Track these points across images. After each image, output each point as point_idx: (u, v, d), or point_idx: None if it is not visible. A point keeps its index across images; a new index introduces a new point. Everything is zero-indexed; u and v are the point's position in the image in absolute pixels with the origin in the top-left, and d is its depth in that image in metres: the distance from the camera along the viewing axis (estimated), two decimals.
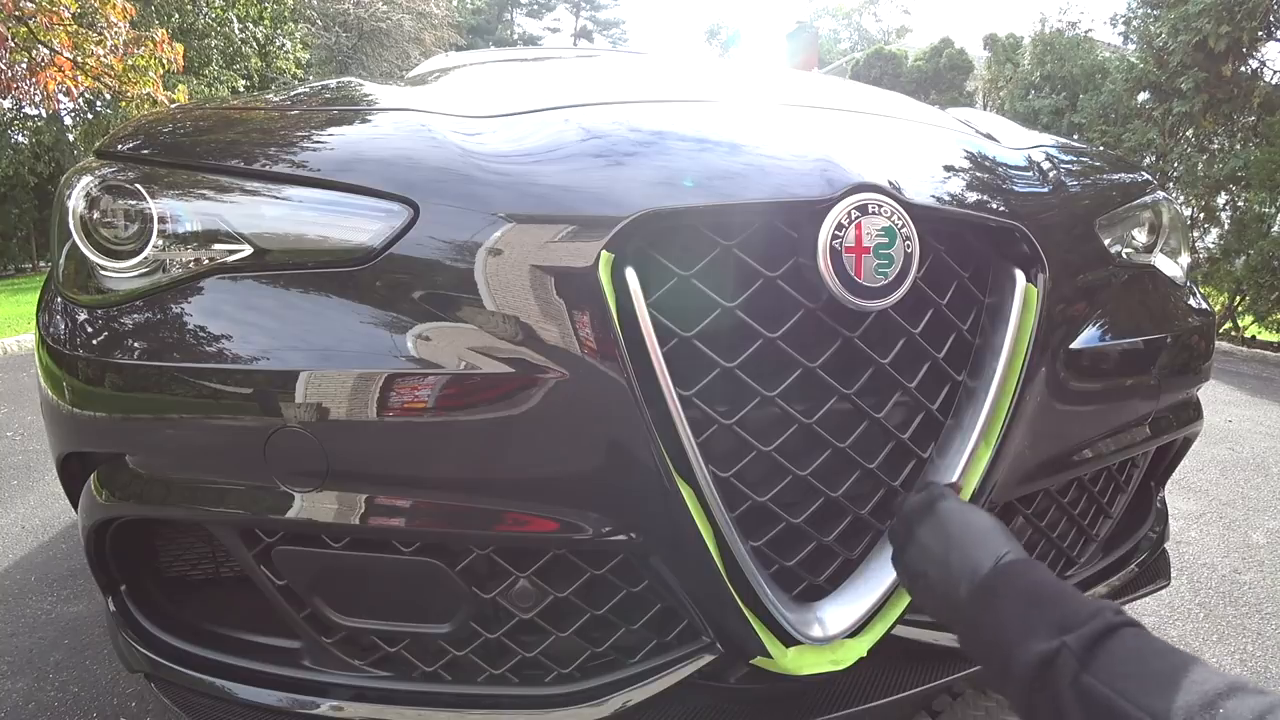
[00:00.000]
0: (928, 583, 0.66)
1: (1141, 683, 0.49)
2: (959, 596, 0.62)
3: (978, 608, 0.61)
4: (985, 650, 0.60)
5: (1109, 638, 0.52)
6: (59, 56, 6.08)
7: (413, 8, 20.10)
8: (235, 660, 0.80)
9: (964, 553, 0.64)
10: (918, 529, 0.69)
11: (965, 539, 0.65)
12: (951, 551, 0.65)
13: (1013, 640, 0.56)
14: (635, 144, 0.75)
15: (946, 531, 0.67)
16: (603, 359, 0.66)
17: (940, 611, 0.67)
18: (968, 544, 0.65)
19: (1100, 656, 0.51)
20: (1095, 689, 0.50)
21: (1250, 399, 3.30)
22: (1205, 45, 4.45)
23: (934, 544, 0.67)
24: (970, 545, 0.65)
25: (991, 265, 0.82)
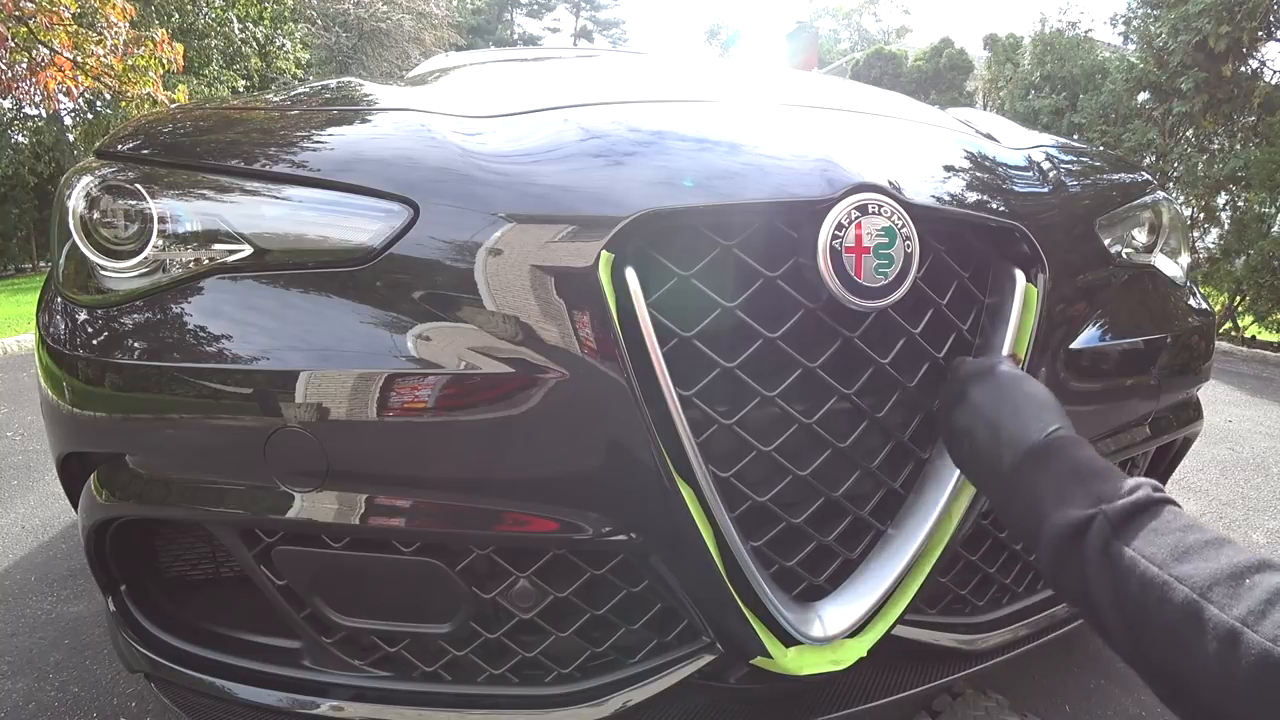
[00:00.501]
0: (973, 444, 0.66)
1: (1172, 552, 0.49)
2: (1003, 461, 0.62)
3: (1020, 474, 0.60)
4: (1020, 515, 0.60)
5: (1146, 511, 0.52)
6: (59, 56, 6.08)
7: (413, 8, 20.10)
8: (235, 660, 0.80)
9: (1016, 419, 0.64)
10: (972, 389, 0.69)
11: (1020, 406, 0.65)
12: (1004, 416, 0.65)
13: (1049, 507, 0.56)
14: (635, 144, 0.75)
15: (1001, 396, 0.67)
16: (603, 359, 0.66)
17: (980, 474, 0.67)
18: (1021, 412, 0.65)
19: (1134, 527, 0.51)
20: (1124, 554, 0.50)
21: (1250, 399, 3.30)
22: (1205, 45, 4.44)
23: (987, 406, 0.67)
24: (1023, 413, 0.64)
25: (991, 265, 0.82)
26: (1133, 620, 0.49)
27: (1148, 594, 0.48)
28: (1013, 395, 0.67)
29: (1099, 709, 1.10)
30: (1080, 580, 0.53)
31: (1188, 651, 0.45)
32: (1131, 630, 0.49)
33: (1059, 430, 0.62)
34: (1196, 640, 0.44)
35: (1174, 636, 0.46)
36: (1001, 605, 0.94)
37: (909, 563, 0.76)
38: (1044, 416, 0.64)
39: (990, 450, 0.64)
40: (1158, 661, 0.48)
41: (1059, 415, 0.64)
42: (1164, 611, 0.47)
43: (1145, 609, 0.48)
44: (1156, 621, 0.47)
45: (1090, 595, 0.52)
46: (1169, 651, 0.47)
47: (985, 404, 0.67)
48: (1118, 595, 0.50)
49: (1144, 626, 0.48)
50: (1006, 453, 0.62)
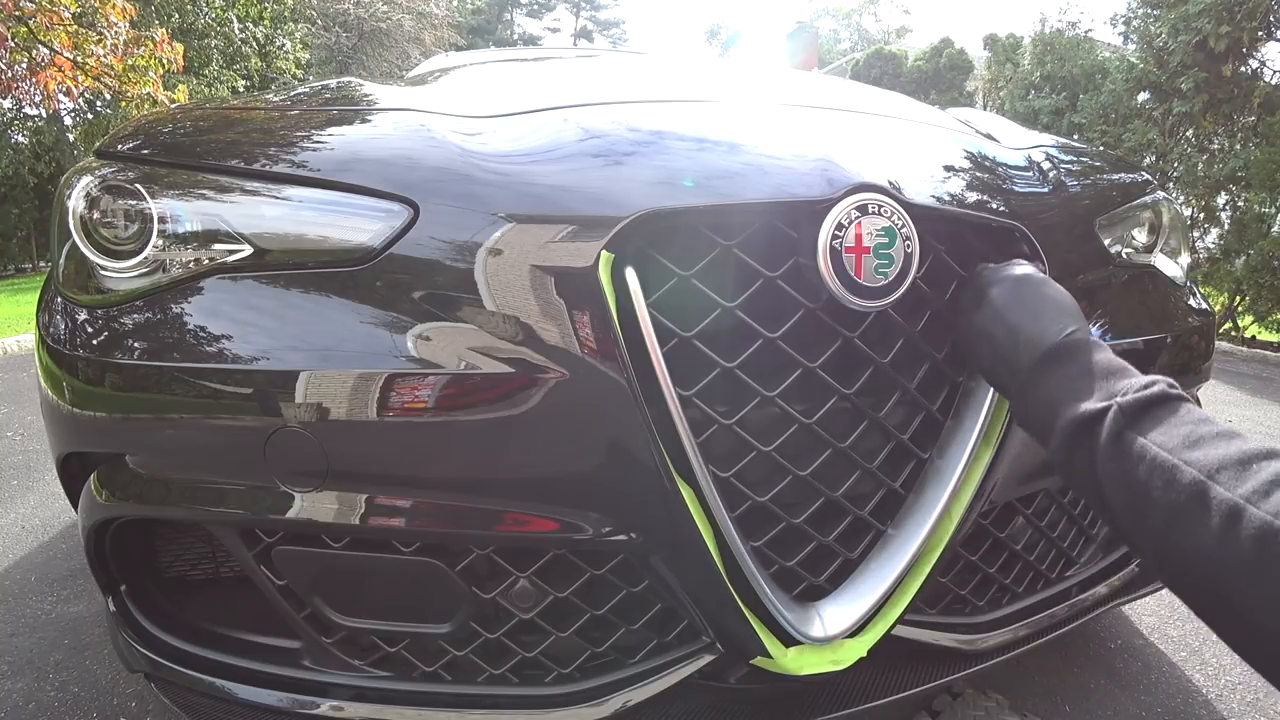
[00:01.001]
0: (993, 346, 0.67)
1: (1184, 440, 0.50)
2: (1019, 360, 0.63)
3: (1036, 373, 0.62)
4: (1036, 413, 0.61)
5: (1160, 404, 0.54)
6: (59, 56, 6.08)
7: (413, 8, 20.10)
8: (235, 660, 0.80)
9: (1035, 321, 0.65)
10: (991, 290, 0.70)
11: (1039, 308, 0.66)
12: (1023, 318, 0.66)
13: (1065, 402, 0.57)
14: (635, 144, 0.75)
15: (1021, 298, 0.68)
16: (603, 359, 0.66)
17: (996, 373, 0.68)
18: (1041, 313, 0.66)
19: (1147, 418, 0.53)
20: (1136, 442, 0.51)
21: (1250, 399, 3.30)
22: (1205, 45, 4.45)
23: (1007, 308, 0.68)
24: (1043, 315, 0.65)
25: None
26: (1139, 501, 0.50)
27: (1155, 477, 0.49)
28: (1032, 298, 0.67)
29: (1099, 709, 1.10)
30: (1089, 467, 0.54)
31: (1192, 528, 0.46)
32: (1137, 511, 0.50)
33: (1077, 332, 0.63)
34: (1201, 517, 0.46)
35: (1179, 514, 0.47)
36: (1001, 605, 0.94)
37: (909, 563, 0.76)
38: (1063, 319, 0.64)
39: (1009, 351, 0.65)
40: (1161, 541, 0.49)
41: (1078, 318, 0.65)
42: (1170, 492, 0.48)
43: (1151, 490, 0.49)
44: (1162, 502, 0.48)
45: (1099, 481, 0.53)
46: (1173, 530, 0.48)
47: (1005, 306, 0.68)
48: (1126, 479, 0.51)
49: (1150, 506, 0.49)
50: (1025, 353, 0.63)
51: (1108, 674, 1.19)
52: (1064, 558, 1.01)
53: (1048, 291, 0.69)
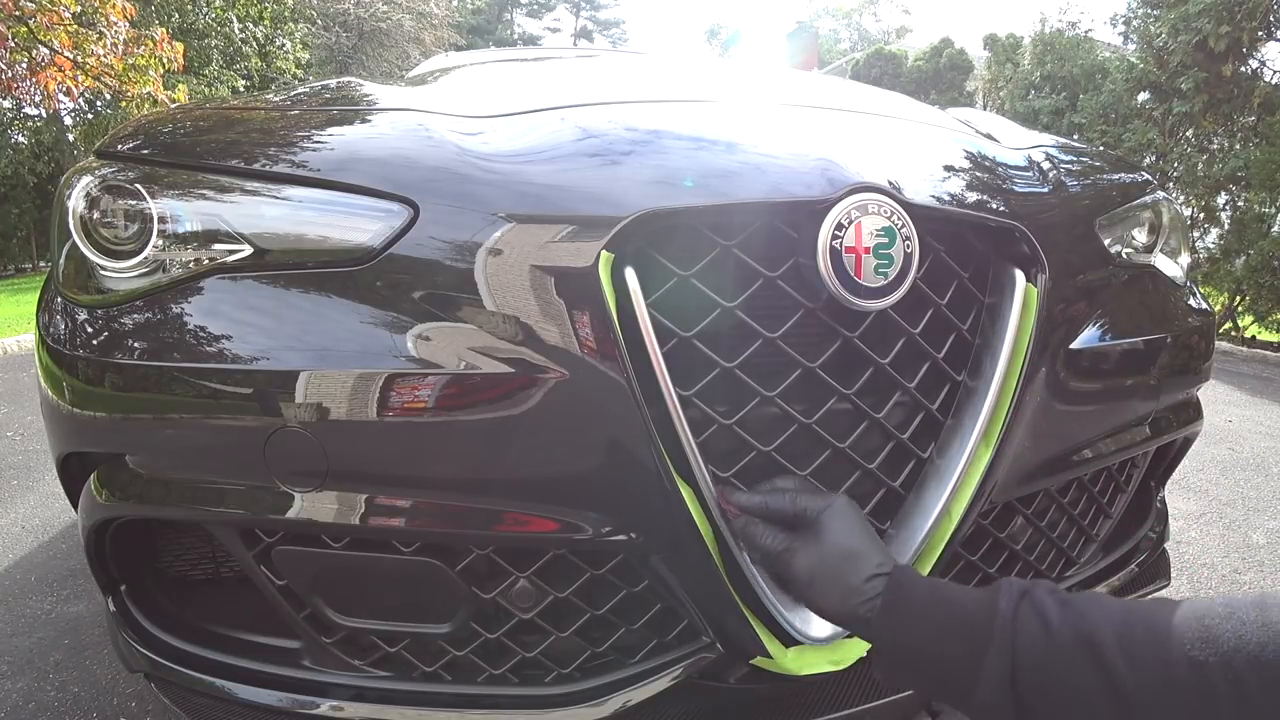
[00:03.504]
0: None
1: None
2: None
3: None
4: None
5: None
6: (59, 56, 6.08)
7: (413, 8, 20.09)
8: (235, 660, 0.80)
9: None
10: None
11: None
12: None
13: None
14: (635, 143, 0.75)
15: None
16: (602, 359, 0.66)
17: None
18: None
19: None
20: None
21: (1250, 399, 3.30)
22: (1205, 45, 4.45)
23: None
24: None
25: (991, 265, 0.82)
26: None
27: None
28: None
29: None
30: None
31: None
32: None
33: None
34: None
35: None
36: None
37: (909, 563, 0.76)
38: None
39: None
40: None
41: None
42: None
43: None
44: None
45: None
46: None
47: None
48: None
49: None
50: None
51: None
52: (1064, 558, 1.01)
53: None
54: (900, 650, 0.57)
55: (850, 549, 0.63)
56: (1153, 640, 0.44)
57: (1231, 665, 0.40)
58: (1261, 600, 0.42)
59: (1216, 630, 0.41)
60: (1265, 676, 0.39)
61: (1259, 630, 0.40)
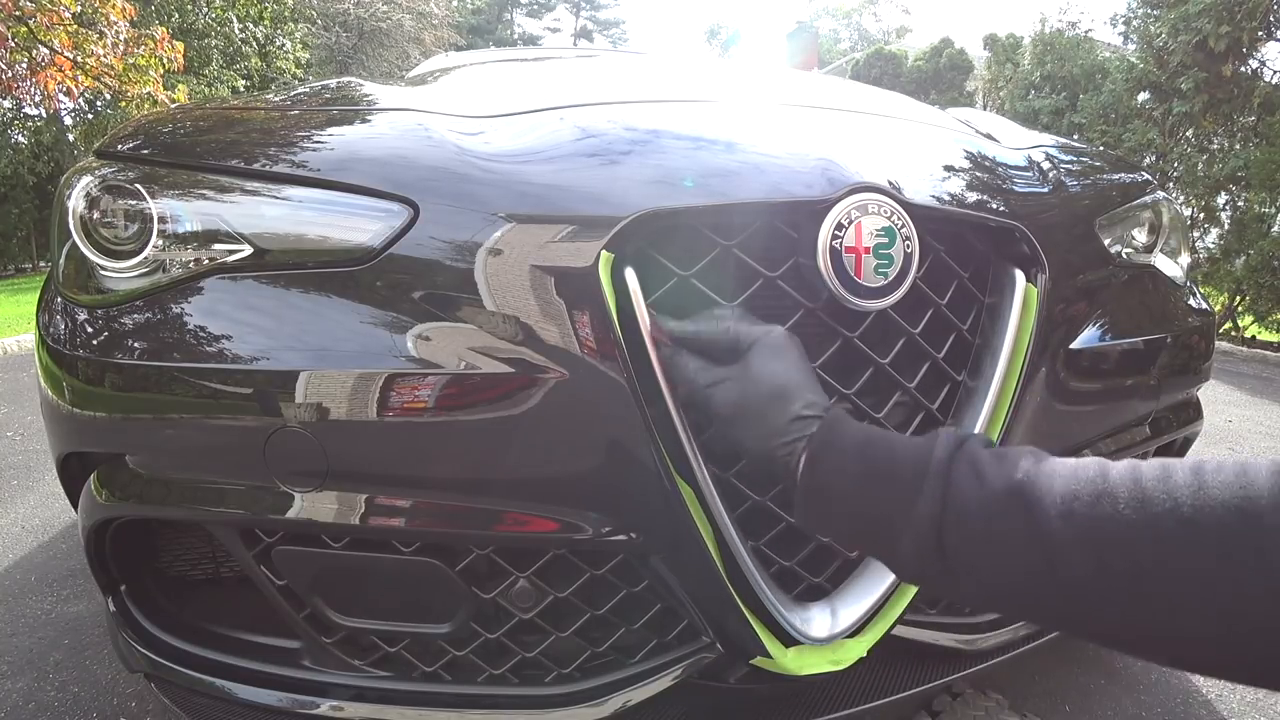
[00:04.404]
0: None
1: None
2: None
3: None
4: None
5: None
6: (59, 56, 6.09)
7: (413, 8, 20.10)
8: (235, 660, 0.80)
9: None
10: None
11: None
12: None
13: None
14: (635, 143, 0.75)
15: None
16: (602, 359, 0.66)
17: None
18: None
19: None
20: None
21: (1250, 399, 3.30)
22: (1205, 45, 4.45)
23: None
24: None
25: (991, 265, 0.82)
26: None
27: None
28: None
29: (1099, 709, 1.10)
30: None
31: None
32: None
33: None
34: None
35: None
36: None
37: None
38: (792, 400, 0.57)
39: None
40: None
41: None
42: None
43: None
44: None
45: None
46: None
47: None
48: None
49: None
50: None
51: (1107, 674, 1.19)
52: None
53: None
54: (824, 495, 0.53)
55: (779, 386, 0.58)
56: (1084, 494, 0.42)
57: (1156, 527, 0.39)
58: (1199, 466, 0.40)
59: (1151, 491, 0.40)
60: (1185, 535, 0.38)
61: (1191, 494, 0.39)
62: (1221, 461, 0.40)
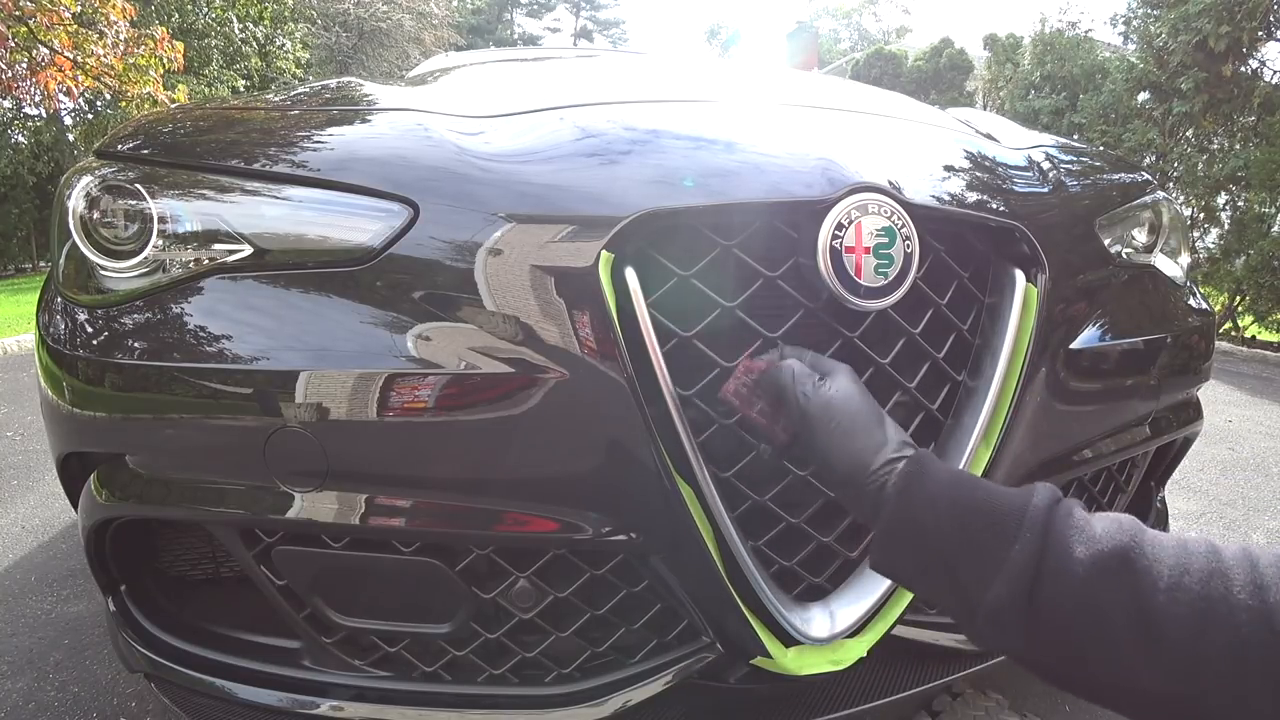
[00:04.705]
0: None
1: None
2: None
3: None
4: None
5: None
6: (59, 56, 6.09)
7: (413, 8, 20.10)
8: (235, 660, 0.80)
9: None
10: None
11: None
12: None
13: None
14: (635, 143, 0.75)
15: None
16: (603, 359, 0.66)
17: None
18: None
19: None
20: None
21: (1250, 399, 3.30)
22: (1205, 45, 4.45)
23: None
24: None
25: (991, 265, 0.82)
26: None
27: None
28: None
29: (1099, 709, 1.10)
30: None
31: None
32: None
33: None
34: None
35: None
36: None
37: None
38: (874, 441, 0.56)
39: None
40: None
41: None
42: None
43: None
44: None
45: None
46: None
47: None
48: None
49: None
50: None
51: None
52: None
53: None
54: (910, 529, 0.50)
55: (874, 413, 0.58)
56: (1195, 570, 0.39)
57: (1272, 618, 0.36)
58: None
59: (1270, 578, 0.37)
60: None
61: None
62: None
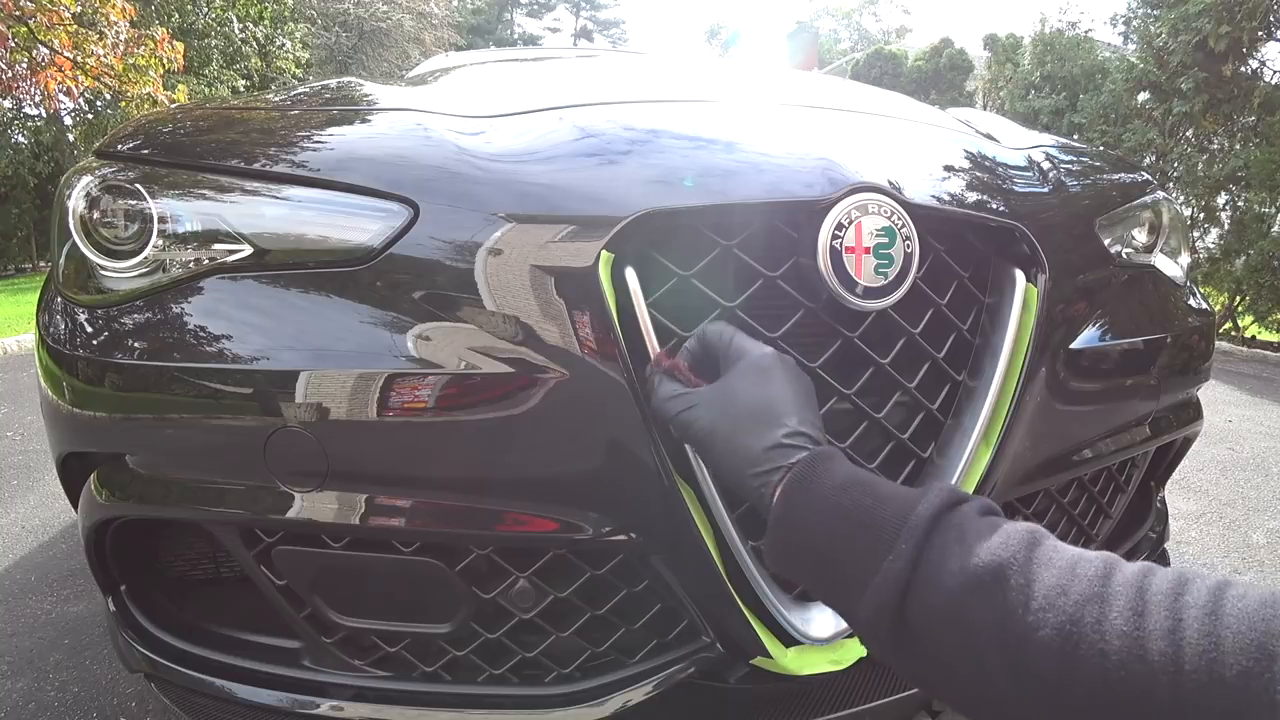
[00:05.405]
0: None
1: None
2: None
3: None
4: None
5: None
6: (59, 56, 6.09)
7: (413, 8, 20.11)
8: (235, 660, 0.80)
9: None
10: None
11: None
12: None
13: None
14: (635, 143, 0.75)
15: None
16: (603, 359, 0.66)
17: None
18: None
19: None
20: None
21: (1250, 399, 3.30)
22: (1205, 45, 4.45)
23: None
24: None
25: (991, 265, 0.82)
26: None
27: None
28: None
29: None
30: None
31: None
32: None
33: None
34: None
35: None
36: None
37: None
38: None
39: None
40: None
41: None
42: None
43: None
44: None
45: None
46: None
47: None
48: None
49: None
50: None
51: None
52: None
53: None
54: (793, 533, 0.49)
55: (760, 409, 0.54)
56: (1074, 592, 0.37)
57: (1144, 646, 0.34)
58: (1220, 586, 0.35)
59: (1153, 603, 0.35)
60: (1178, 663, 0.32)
61: (1201, 616, 0.33)
62: (1249, 588, 0.34)
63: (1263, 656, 0.30)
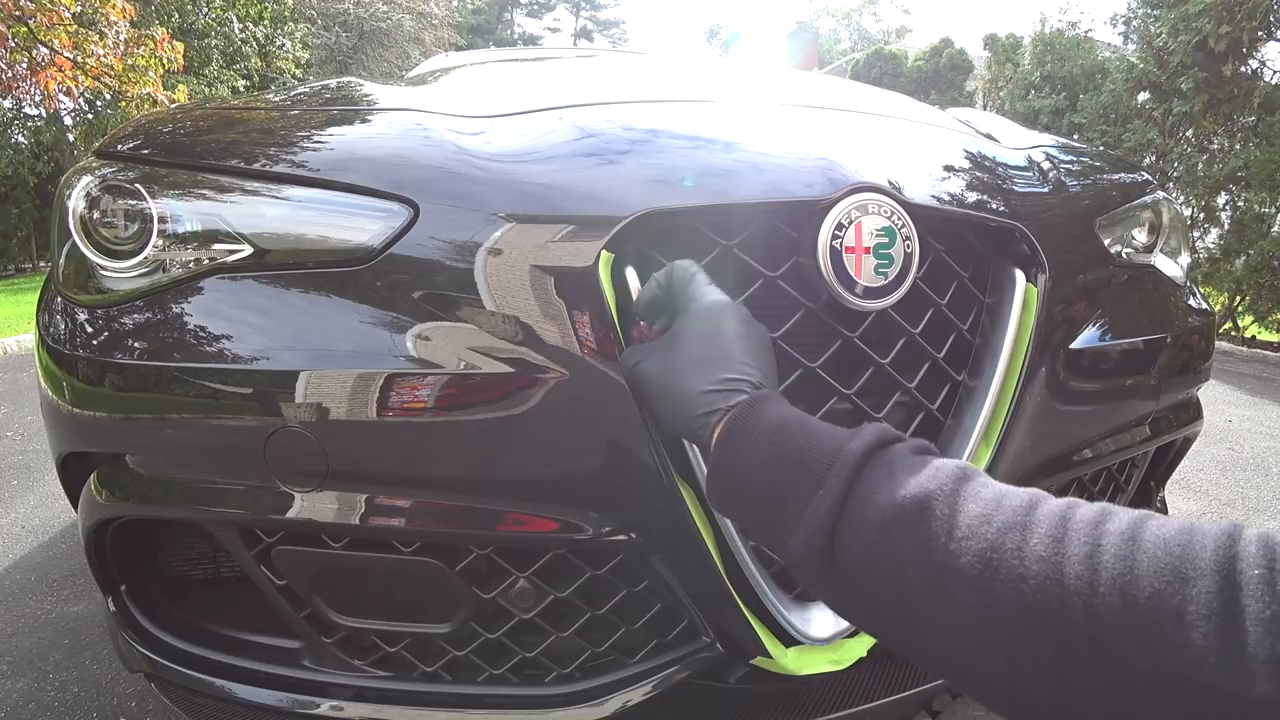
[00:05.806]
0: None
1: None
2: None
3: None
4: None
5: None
6: (59, 56, 6.09)
7: (413, 8, 20.12)
8: (235, 660, 0.80)
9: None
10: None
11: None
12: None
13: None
14: (635, 143, 0.75)
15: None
16: (603, 359, 0.66)
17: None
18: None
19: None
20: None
21: (1250, 399, 3.30)
22: (1205, 45, 4.45)
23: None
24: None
25: (991, 265, 0.82)
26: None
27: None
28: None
29: None
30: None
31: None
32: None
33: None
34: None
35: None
36: None
37: None
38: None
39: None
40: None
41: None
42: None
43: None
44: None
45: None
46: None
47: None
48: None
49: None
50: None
51: None
52: None
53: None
54: (731, 474, 0.49)
55: (706, 356, 0.54)
56: (996, 521, 0.37)
57: (1062, 570, 0.33)
58: (1141, 517, 0.35)
59: (1075, 531, 0.35)
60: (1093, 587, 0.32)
61: (1120, 543, 0.33)
62: (1171, 519, 0.35)
63: (1175, 579, 0.31)
